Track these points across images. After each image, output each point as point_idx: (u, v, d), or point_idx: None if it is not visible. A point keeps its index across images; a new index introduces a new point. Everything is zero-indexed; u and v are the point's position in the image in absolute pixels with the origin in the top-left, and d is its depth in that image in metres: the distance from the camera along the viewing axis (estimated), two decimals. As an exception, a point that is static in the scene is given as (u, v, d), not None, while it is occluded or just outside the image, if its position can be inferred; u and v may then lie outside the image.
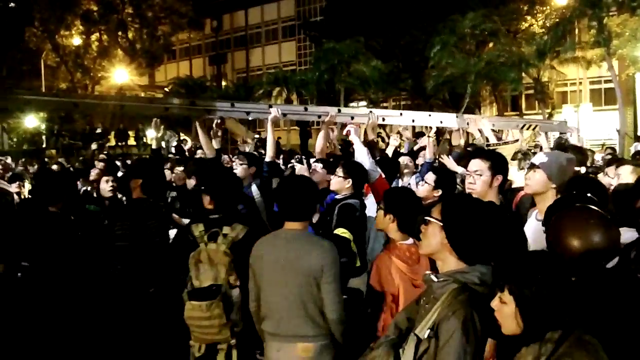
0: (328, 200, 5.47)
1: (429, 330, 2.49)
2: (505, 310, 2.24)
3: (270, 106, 6.09)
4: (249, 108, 5.99)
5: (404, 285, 3.68)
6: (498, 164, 4.04)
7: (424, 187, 5.28)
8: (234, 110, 5.80)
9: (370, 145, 6.51)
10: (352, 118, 6.67)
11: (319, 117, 6.56)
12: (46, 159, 16.85)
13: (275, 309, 3.58)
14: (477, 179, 4.00)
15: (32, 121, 34.99)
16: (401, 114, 7.66)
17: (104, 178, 6.58)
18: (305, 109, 6.79)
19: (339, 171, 5.19)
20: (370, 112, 7.03)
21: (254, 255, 3.68)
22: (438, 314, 2.49)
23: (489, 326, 2.39)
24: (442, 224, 2.62)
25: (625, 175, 4.86)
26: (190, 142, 23.92)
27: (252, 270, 3.69)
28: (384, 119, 7.27)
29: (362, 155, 5.39)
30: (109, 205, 6.25)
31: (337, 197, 5.15)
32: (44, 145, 32.84)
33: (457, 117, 8.19)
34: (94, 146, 22.36)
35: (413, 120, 7.69)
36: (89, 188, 7.93)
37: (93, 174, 8.20)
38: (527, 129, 8.59)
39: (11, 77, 35.43)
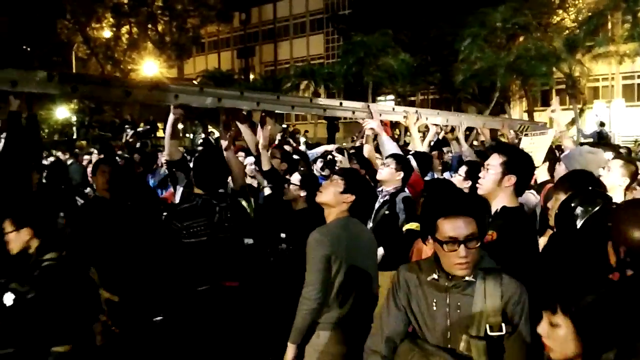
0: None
1: (503, 324, 2.55)
2: (559, 334, 2.01)
3: (278, 97, 5.94)
4: (257, 98, 5.62)
5: None
6: (514, 163, 3.59)
7: (455, 178, 5.39)
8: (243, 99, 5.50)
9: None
10: (354, 112, 6.48)
11: (324, 110, 6.28)
12: (76, 150, 16.98)
13: None
14: (485, 175, 3.65)
15: (63, 112, 35.48)
16: (438, 113, 7.59)
17: None
18: (311, 100, 6.73)
19: (391, 163, 5.12)
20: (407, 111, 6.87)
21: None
22: (497, 304, 2.55)
23: None
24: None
25: (615, 169, 4.71)
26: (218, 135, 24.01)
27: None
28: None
29: (391, 149, 5.41)
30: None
31: (390, 190, 5.07)
32: (74, 137, 33.23)
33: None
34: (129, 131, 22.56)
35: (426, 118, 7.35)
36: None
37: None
38: (518, 129, 8.38)
39: (42, 69, 35.81)
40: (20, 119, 4.66)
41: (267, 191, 5.87)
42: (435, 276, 2.71)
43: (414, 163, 5.77)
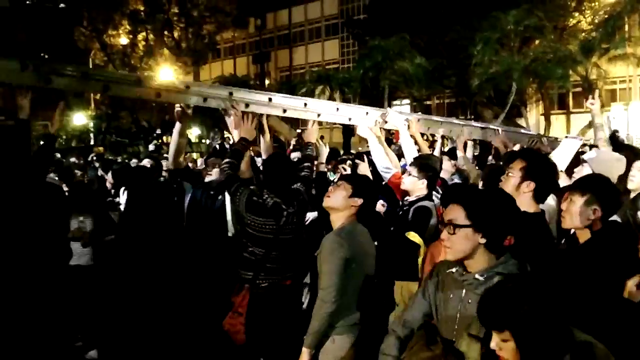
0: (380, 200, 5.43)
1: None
2: (509, 347, 2.19)
3: (270, 99, 5.61)
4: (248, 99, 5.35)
5: None
6: (534, 168, 3.57)
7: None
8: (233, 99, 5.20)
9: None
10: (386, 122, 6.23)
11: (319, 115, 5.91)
12: (94, 156, 17.13)
13: None
14: (505, 179, 3.65)
15: (80, 119, 35.78)
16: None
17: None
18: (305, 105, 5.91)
19: (413, 170, 4.95)
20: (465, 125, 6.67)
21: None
22: None
23: None
24: (473, 226, 2.64)
25: (636, 170, 4.66)
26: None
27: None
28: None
29: (412, 155, 5.39)
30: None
31: (411, 199, 4.91)
32: (91, 143, 33.51)
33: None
34: (151, 147, 22.72)
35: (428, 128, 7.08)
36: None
37: None
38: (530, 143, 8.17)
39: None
40: (29, 128, 4.71)
41: None
42: (454, 269, 2.75)
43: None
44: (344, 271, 3.57)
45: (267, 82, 44.56)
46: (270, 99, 5.59)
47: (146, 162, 7.91)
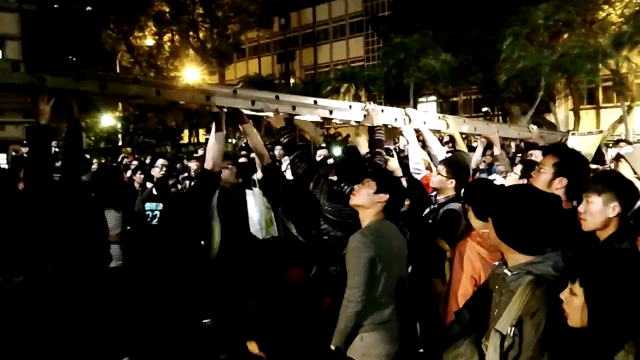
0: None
1: (512, 327, 2.43)
2: (574, 302, 2.20)
3: (277, 97, 5.49)
4: (254, 97, 5.23)
5: (485, 271, 3.63)
6: (566, 165, 3.53)
7: (511, 177, 5.32)
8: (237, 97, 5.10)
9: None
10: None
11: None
12: (123, 157, 17.27)
13: None
14: (536, 175, 3.62)
15: (108, 120, 36.17)
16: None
17: None
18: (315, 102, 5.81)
19: (442, 169, 4.88)
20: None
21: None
22: (518, 310, 2.44)
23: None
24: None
25: None
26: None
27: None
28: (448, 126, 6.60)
29: (440, 154, 5.34)
30: None
31: (440, 199, 4.84)
32: (119, 143, 33.85)
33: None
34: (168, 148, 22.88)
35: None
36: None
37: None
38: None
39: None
40: (50, 133, 4.68)
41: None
42: (496, 263, 2.74)
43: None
44: (370, 271, 3.57)
45: (292, 81, 44.60)
46: (350, 106, 5.81)
47: (160, 163, 7.94)
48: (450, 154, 6.31)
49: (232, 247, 5.59)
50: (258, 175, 6.18)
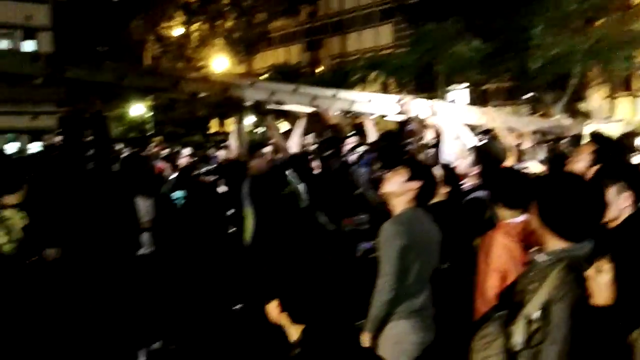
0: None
1: (539, 311, 2.42)
2: (601, 279, 2.20)
3: (296, 89, 5.66)
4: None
5: (513, 263, 3.53)
6: (604, 152, 3.60)
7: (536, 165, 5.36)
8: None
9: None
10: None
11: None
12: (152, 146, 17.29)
13: None
14: (571, 162, 3.71)
15: (138, 109, 36.47)
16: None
17: None
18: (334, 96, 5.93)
19: (470, 156, 4.96)
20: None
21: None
22: (547, 295, 2.43)
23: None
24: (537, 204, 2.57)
25: None
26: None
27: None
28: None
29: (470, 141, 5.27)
30: None
31: (465, 186, 4.85)
32: (149, 133, 34.09)
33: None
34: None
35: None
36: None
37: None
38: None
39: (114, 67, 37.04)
40: (84, 124, 4.83)
41: None
42: (534, 249, 2.72)
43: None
44: (402, 259, 3.54)
45: (319, 69, 44.47)
46: (370, 100, 5.92)
47: (186, 152, 7.98)
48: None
49: (267, 234, 5.58)
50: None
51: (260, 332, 5.87)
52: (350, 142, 9.10)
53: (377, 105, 6.02)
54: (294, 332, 2.20)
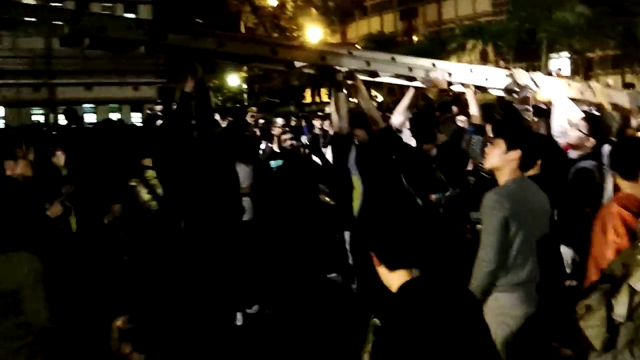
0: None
1: None
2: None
3: (393, 58, 5.48)
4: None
5: (630, 235, 3.38)
6: None
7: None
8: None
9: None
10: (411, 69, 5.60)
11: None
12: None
13: None
14: None
15: (234, 80, 37.19)
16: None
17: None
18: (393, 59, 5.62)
19: (582, 126, 4.80)
20: None
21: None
22: None
23: None
24: None
25: None
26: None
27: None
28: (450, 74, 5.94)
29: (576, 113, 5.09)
30: None
31: (573, 155, 4.76)
32: (245, 103, 34.74)
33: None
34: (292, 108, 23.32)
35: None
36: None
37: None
38: None
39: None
40: (190, 100, 5.09)
41: None
42: None
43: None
44: (503, 230, 3.48)
45: (415, 38, 43.74)
46: (434, 64, 5.59)
47: (279, 122, 8.18)
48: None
49: (375, 202, 5.55)
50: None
51: (356, 300, 5.97)
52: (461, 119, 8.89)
53: (479, 76, 5.81)
54: (394, 280, 2.32)
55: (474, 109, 6.00)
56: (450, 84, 5.66)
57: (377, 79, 5.55)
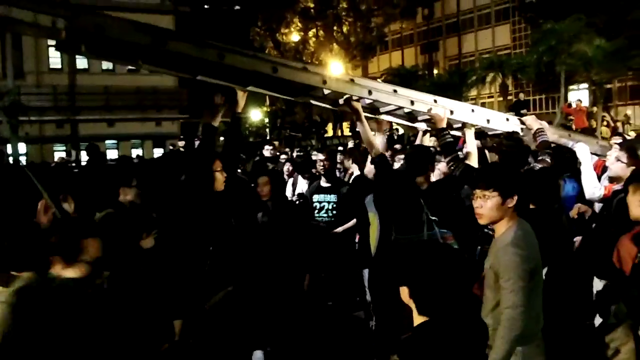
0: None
1: None
2: None
3: (395, 90, 5.37)
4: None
5: None
6: None
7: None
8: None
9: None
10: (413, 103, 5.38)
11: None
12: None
13: None
14: None
15: (256, 115, 37.66)
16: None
17: None
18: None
19: (622, 156, 4.60)
20: None
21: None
22: None
23: None
24: None
25: None
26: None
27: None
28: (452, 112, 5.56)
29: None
30: None
31: (616, 187, 4.54)
32: (267, 137, 35.12)
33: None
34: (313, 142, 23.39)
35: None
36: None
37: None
38: None
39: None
40: (215, 132, 5.23)
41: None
42: None
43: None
44: (530, 283, 3.29)
45: (435, 71, 44.03)
46: (435, 100, 5.45)
47: (320, 157, 8.25)
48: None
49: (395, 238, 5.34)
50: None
51: (374, 336, 5.99)
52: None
53: (480, 117, 5.62)
54: (417, 319, 2.33)
55: (471, 148, 5.45)
56: (450, 126, 5.44)
57: (379, 117, 5.45)
